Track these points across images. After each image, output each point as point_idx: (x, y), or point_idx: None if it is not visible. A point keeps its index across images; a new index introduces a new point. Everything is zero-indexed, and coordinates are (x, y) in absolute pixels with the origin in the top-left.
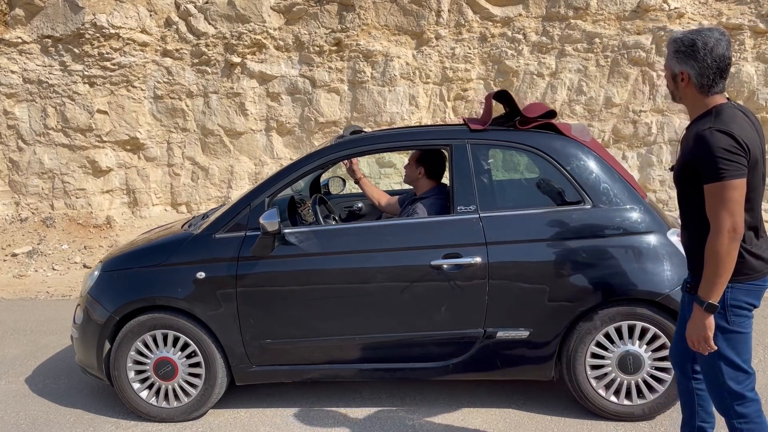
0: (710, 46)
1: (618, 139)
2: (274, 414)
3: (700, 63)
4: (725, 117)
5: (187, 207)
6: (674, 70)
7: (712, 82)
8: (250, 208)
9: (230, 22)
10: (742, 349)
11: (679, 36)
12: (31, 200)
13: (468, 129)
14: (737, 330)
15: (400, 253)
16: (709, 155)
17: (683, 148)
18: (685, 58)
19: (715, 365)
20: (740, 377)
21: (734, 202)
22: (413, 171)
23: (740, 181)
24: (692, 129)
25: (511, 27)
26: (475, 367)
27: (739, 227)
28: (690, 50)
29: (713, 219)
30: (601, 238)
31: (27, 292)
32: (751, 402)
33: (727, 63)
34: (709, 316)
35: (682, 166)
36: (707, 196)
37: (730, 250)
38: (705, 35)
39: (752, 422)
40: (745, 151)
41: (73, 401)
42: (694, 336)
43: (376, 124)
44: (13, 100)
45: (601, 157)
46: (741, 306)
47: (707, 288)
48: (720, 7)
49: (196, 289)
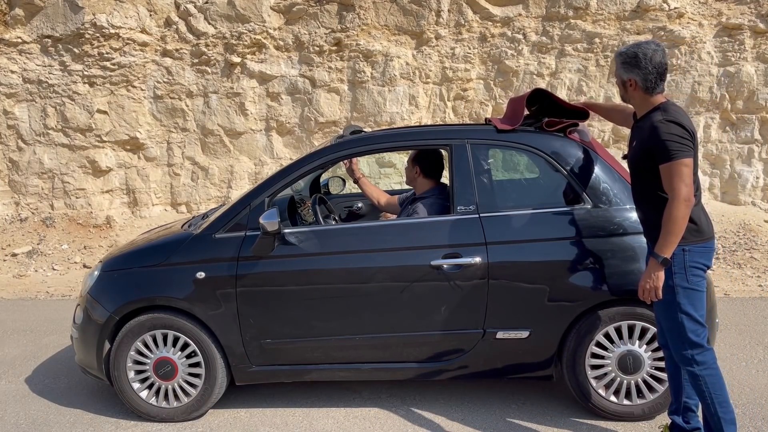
0: (649, 56)
1: (618, 139)
2: (274, 414)
3: (643, 70)
4: (672, 111)
5: (187, 207)
6: (623, 78)
7: (654, 85)
8: (250, 208)
9: (230, 22)
10: (699, 305)
11: (623, 50)
12: (31, 200)
13: (495, 129)
14: (695, 288)
15: (400, 253)
16: (664, 141)
17: (639, 138)
18: (630, 68)
19: (678, 321)
20: (699, 330)
21: (687, 176)
22: (411, 171)
23: (689, 160)
24: (644, 123)
25: (511, 27)
26: (475, 367)
27: (691, 196)
28: (634, 61)
29: (671, 191)
30: (601, 238)
31: (27, 292)
32: (707, 351)
33: (665, 68)
34: (662, 269)
35: (639, 152)
36: (664, 173)
37: (685, 214)
38: (644, 47)
39: (709, 368)
40: (692, 136)
41: (73, 401)
42: (648, 285)
43: (376, 124)
44: (13, 100)
45: (602, 157)
46: (697, 266)
47: (664, 246)
48: (720, 7)
49: (196, 289)
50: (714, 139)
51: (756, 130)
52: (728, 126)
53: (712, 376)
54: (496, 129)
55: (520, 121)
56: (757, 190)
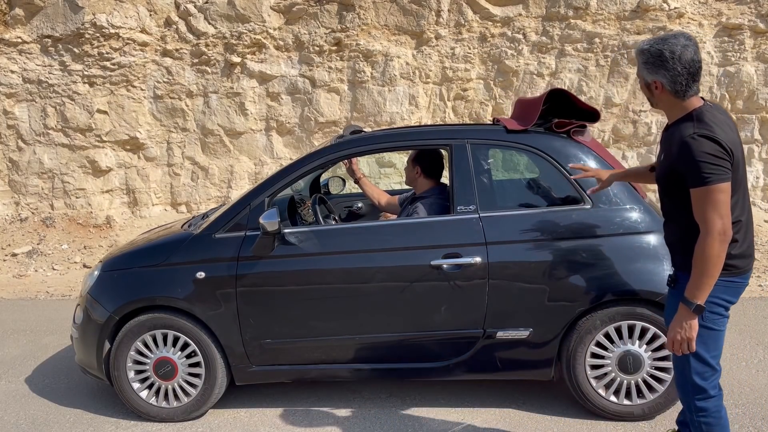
0: (678, 54)
1: (618, 139)
2: (274, 414)
3: (670, 72)
4: (707, 120)
5: (187, 207)
6: (647, 80)
7: (686, 87)
8: (250, 208)
9: (230, 22)
10: (712, 345)
11: (645, 47)
12: (31, 200)
13: (505, 129)
14: (710, 327)
15: (400, 253)
16: (695, 161)
17: (666, 151)
18: (655, 69)
19: (684, 358)
20: (707, 373)
21: (722, 205)
22: (411, 171)
23: (726, 185)
24: (674, 133)
25: (511, 27)
26: (475, 367)
27: (728, 229)
28: (659, 60)
29: (703, 222)
30: (601, 237)
31: (27, 292)
32: (711, 397)
33: (698, 67)
34: (695, 318)
35: (666, 170)
36: (695, 200)
37: (720, 252)
38: (671, 43)
39: (710, 416)
40: (729, 155)
41: (73, 401)
42: (679, 336)
43: (376, 124)
44: (12, 100)
45: (601, 157)
46: (717, 302)
47: (697, 290)
48: (720, 7)
49: (196, 289)
50: None
51: (756, 130)
52: None
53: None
54: (506, 129)
55: (533, 122)
56: (757, 190)
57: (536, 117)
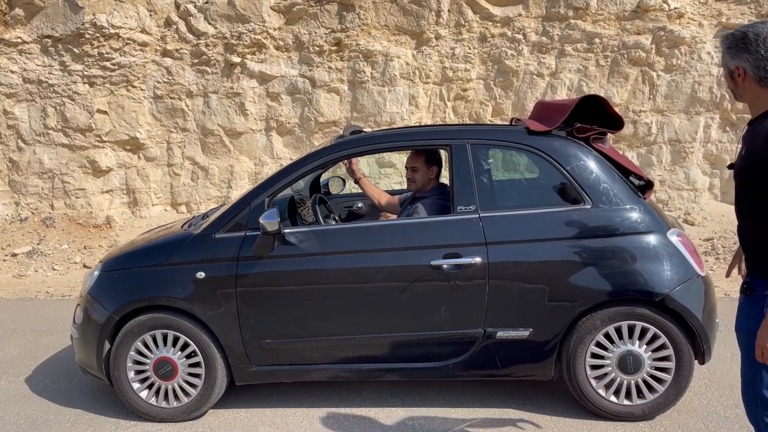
0: (763, 36)
1: (618, 139)
2: (274, 414)
3: (753, 55)
4: None
5: (187, 207)
6: (730, 67)
7: None
8: (250, 208)
9: (230, 22)
10: None
11: (731, 32)
12: (31, 200)
13: (526, 131)
14: None
15: (400, 253)
16: None
17: (748, 146)
18: (737, 53)
19: (756, 371)
20: None
21: None
22: (425, 172)
23: None
24: (759, 126)
25: (511, 27)
26: (475, 367)
27: None
28: (741, 43)
29: None
30: (601, 238)
31: (27, 292)
32: None
33: None
34: None
35: (747, 164)
36: None
37: None
38: (757, 27)
39: None
40: None
41: (73, 401)
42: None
43: (376, 124)
44: (13, 100)
45: (620, 163)
46: None
47: None
48: (720, 7)
49: (196, 289)
50: (714, 139)
51: None
52: (728, 126)
53: None
54: (527, 130)
55: (557, 124)
56: None
57: (562, 120)
